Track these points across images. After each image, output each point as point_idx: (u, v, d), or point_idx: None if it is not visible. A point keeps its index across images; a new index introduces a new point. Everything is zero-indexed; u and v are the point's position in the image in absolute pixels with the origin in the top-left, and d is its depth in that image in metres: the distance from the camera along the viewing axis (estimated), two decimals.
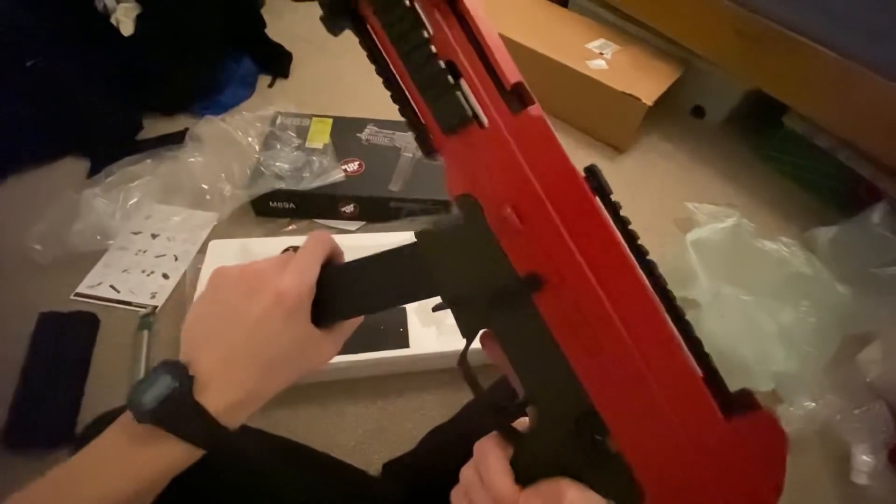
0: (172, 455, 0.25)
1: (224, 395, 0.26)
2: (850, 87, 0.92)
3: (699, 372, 0.21)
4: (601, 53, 1.20)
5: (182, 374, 0.26)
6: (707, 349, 0.22)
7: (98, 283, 0.77)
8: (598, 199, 0.22)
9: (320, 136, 0.96)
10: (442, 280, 0.26)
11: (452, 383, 0.73)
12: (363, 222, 0.93)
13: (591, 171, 0.22)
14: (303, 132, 0.96)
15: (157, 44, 1.03)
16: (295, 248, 0.30)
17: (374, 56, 0.25)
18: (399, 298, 0.29)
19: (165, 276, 0.80)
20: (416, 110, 0.25)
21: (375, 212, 0.92)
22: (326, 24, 0.24)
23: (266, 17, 1.29)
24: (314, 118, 1.00)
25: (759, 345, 0.73)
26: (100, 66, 1.02)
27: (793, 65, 0.98)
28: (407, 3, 0.22)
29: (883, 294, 0.83)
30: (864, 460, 0.68)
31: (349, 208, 0.91)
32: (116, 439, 0.26)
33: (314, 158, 0.90)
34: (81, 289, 0.76)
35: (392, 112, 0.98)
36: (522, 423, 0.27)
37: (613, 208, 0.22)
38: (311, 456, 0.52)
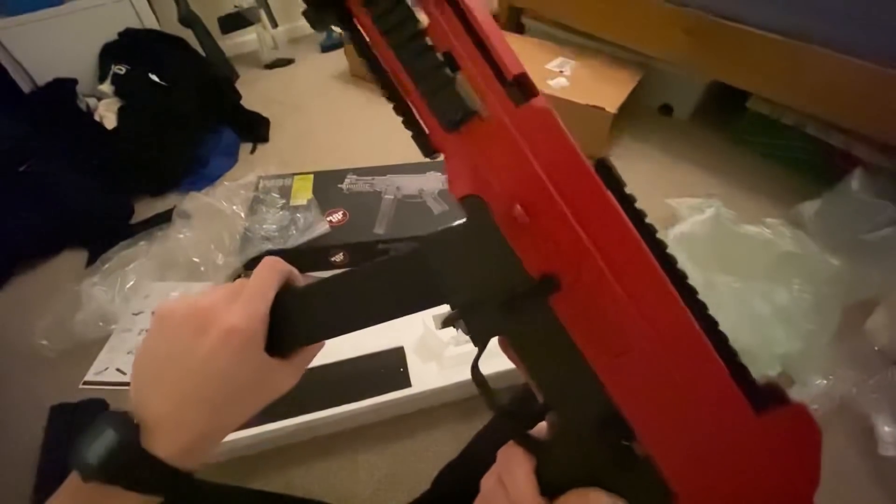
0: None
1: (177, 439, 0.25)
2: (801, 64, 0.94)
3: (725, 367, 0.20)
4: (561, 71, 1.24)
5: (125, 423, 0.24)
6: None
7: (105, 369, 0.79)
8: (610, 192, 0.21)
9: (303, 192, 1.00)
10: (449, 287, 0.24)
11: (460, 416, 0.73)
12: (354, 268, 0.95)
13: (603, 164, 0.21)
14: (286, 191, 1.00)
15: (140, 132, 1.09)
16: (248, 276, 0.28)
17: (364, 52, 0.23)
18: (396, 311, 0.27)
19: None
20: (413, 107, 0.23)
21: (364, 256, 0.94)
22: (310, 20, 0.23)
23: (241, 88, 1.36)
24: (296, 176, 1.04)
25: (758, 329, 0.72)
26: (88, 161, 1.07)
27: (743, 53, 1.01)
28: None
29: (876, 259, 0.82)
30: (887, 431, 0.67)
31: (339, 257, 0.93)
32: (68, 499, 0.24)
33: (298, 215, 0.93)
34: (89, 377, 0.78)
35: (369, 158, 1.02)
36: (541, 428, 0.26)
37: (628, 201, 0.21)
38: None
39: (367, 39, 0.23)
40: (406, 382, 0.69)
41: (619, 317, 0.21)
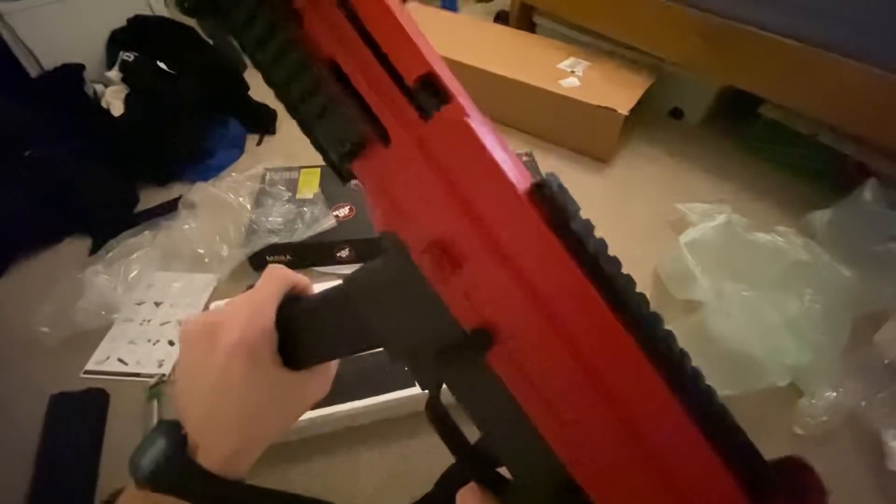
0: None
1: (216, 451, 0.25)
2: (817, 71, 0.93)
3: (714, 449, 0.16)
4: (573, 72, 1.23)
5: (175, 433, 0.25)
6: (699, 373, 0.17)
7: (106, 358, 0.78)
8: (551, 225, 0.15)
9: (310, 186, 0.99)
10: (381, 332, 0.22)
11: (464, 417, 0.72)
12: (360, 264, 0.94)
13: (540, 189, 0.15)
14: (292, 185, 0.99)
15: (147, 120, 1.08)
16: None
17: (260, 69, 0.18)
18: (347, 348, 0.26)
19: (171, 343, 0.80)
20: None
21: (370, 252, 0.93)
22: (202, 26, 0.20)
23: (248, 79, 1.35)
24: (302, 170, 1.03)
25: (768, 339, 0.71)
26: (94, 148, 1.06)
27: (758, 58, 1.00)
28: None
29: (887, 271, 0.81)
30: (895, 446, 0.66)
31: (344, 252, 0.92)
32: None
33: (305, 209, 0.92)
34: (90, 366, 0.78)
35: None
36: None
37: (573, 233, 0.15)
38: None
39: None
40: (410, 382, 0.68)
41: (566, 380, 0.16)
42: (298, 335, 0.27)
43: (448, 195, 0.16)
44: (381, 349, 0.25)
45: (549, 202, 0.15)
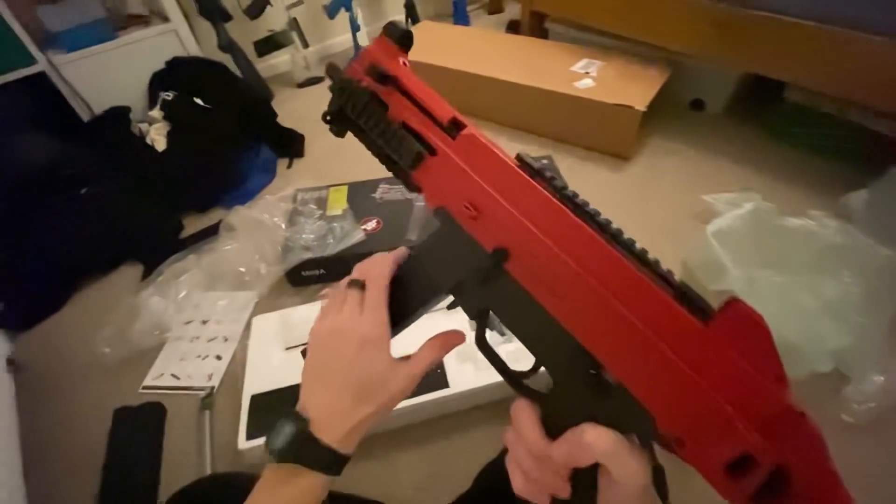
0: (310, 484, 0.32)
1: (336, 427, 0.32)
2: (840, 49, 0.91)
3: (669, 291, 0.23)
4: (587, 73, 1.24)
5: (298, 418, 0.32)
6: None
7: (161, 374, 0.84)
8: (537, 177, 0.27)
9: (338, 203, 1.04)
10: (440, 277, 0.33)
11: (497, 416, 0.73)
12: None
13: (521, 157, 0.28)
14: (322, 203, 1.04)
15: (187, 153, 1.16)
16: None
17: (364, 139, 0.34)
18: (422, 300, 0.35)
19: (218, 357, 0.86)
20: (396, 163, 0.33)
21: None
22: (334, 132, 0.35)
23: (276, 107, 1.43)
24: (331, 188, 1.08)
25: (806, 325, 0.70)
26: (141, 181, 1.15)
27: (776, 42, 0.99)
28: (368, 99, 0.31)
29: None
30: None
31: None
32: (267, 481, 0.33)
33: (335, 225, 0.96)
34: (147, 381, 0.84)
35: None
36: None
37: (548, 180, 0.27)
38: None
39: (364, 131, 0.33)
40: (444, 383, 0.71)
41: (554, 265, 0.26)
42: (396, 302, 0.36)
43: (470, 174, 0.29)
44: None
45: (527, 165, 0.28)
